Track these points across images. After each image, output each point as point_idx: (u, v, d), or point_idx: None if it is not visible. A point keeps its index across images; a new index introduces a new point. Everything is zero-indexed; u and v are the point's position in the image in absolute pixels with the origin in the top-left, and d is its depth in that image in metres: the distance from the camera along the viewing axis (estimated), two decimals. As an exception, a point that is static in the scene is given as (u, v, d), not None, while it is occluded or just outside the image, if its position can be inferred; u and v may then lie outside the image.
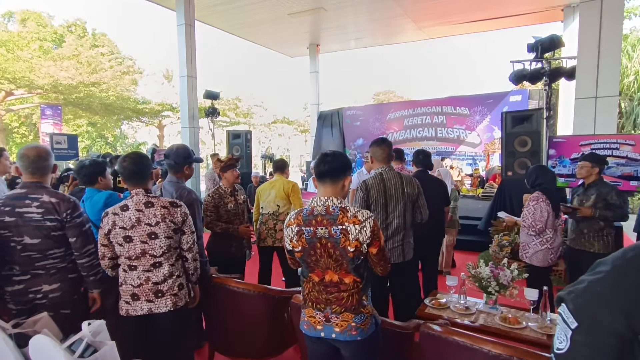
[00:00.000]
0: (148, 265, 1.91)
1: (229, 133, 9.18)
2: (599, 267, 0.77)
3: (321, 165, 1.67)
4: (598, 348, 0.70)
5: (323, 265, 1.62)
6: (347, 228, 1.55)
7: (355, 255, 1.57)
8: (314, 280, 1.66)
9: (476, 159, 11.04)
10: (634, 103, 9.56)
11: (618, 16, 4.38)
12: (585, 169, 3.18)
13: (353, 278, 1.61)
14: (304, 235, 1.61)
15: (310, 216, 1.62)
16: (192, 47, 8.76)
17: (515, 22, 10.86)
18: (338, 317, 1.60)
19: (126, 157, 1.98)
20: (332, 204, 1.62)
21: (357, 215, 1.57)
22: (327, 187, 1.66)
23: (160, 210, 1.93)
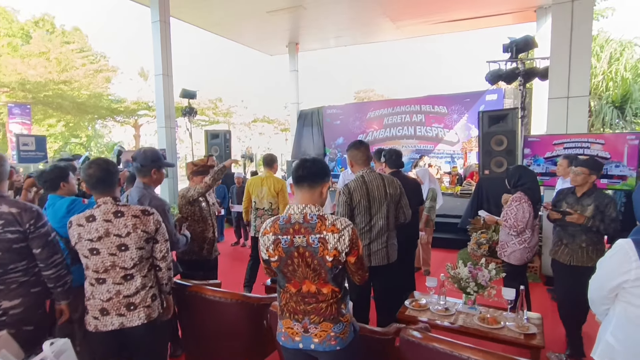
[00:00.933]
0: (118, 278, 1.81)
1: (207, 133, 8.99)
2: None
3: (299, 169, 1.63)
4: None
5: (300, 276, 1.58)
6: (326, 237, 1.52)
7: (333, 265, 1.54)
8: (290, 291, 1.61)
9: (454, 156, 11.23)
10: (602, 102, 9.92)
11: (588, 19, 4.49)
12: (582, 176, 2.82)
13: (331, 288, 1.58)
14: (280, 244, 1.56)
15: (287, 224, 1.57)
16: (168, 45, 8.52)
17: (491, 22, 11.08)
18: (317, 327, 1.57)
19: (91, 164, 1.86)
20: (310, 211, 1.57)
21: (335, 224, 1.54)
22: (305, 193, 1.61)
23: (131, 219, 1.82)
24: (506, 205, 3.21)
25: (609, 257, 1.47)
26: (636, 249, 1.37)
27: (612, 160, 3.95)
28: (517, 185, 3.16)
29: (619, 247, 1.43)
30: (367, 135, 12.45)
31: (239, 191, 6.46)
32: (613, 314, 1.48)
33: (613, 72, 10.01)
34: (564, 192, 3.06)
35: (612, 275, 1.44)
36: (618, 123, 10.03)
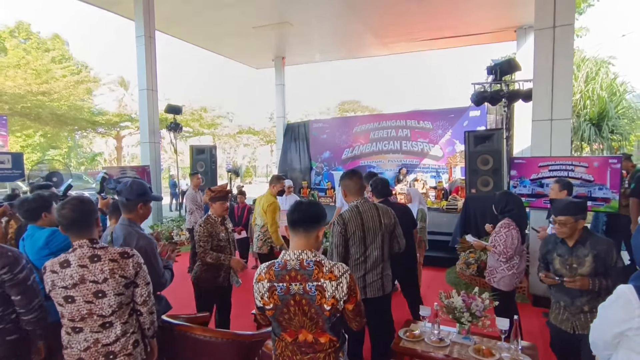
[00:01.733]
0: (96, 326, 1.69)
1: (192, 148, 8.84)
2: None
3: (295, 213, 1.57)
4: None
5: (297, 324, 1.51)
6: (323, 285, 1.47)
7: (331, 314, 1.48)
8: (286, 340, 1.54)
9: (439, 171, 11.35)
10: (580, 119, 10.26)
11: (569, 45, 4.63)
12: (569, 225, 2.34)
13: (329, 337, 1.52)
14: (276, 291, 1.50)
15: (283, 271, 1.51)
16: (152, 60, 8.40)
17: (473, 40, 11.39)
18: None
19: (65, 204, 1.73)
20: (307, 257, 1.52)
21: (333, 271, 1.49)
22: (301, 238, 1.56)
23: (108, 264, 1.69)
24: (494, 231, 3.21)
25: (610, 304, 1.45)
26: (638, 296, 1.36)
27: (596, 183, 4.04)
28: (505, 211, 3.17)
29: (620, 294, 1.41)
30: (353, 149, 12.49)
31: (226, 209, 6.33)
32: (615, 360, 1.46)
33: (590, 90, 10.38)
34: (552, 240, 2.57)
35: (614, 322, 1.42)
36: (595, 139, 10.36)
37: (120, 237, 2.10)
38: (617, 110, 10.27)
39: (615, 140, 10.50)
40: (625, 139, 10.62)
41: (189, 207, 6.01)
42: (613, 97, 10.36)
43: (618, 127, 10.23)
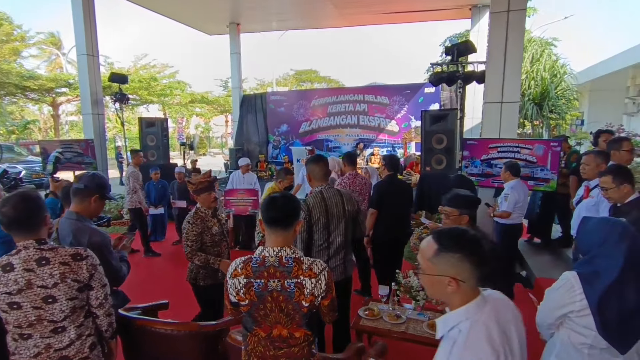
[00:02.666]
0: (47, 332, 1.56)
1: (141, 121, 8.26)
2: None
3: (271, 211, 1.53)
4: None
5: (272, 320, 1.51)
6: (303, 282, 1.48)
7: (309, 310, 1.50)
8: (259, 334, 1.54)
9: (395, 146, 11.64)
10: (525, 99, 10.91)
11: (521, 29, 4.82)
12: (452, 218, 2.29)
13: (304, 332, 1.54)
14: (253, 287, 1.48)
15: (261, 267, 1.49)
16: (92, 20, 7.61)
17: (430, 16, 11.48)
18: None
19: (5, 202, 1.53)
20: (286, 254, 1.51)
21: (312, 268, 1.50)
22: (279, 236, 1.53)
23: (58, 268, 1.54)
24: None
25: (556, 289, 1.59)
26: (581, 282, 1.50)
27: (538, 165, 4.35)
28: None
29: (565, 280, 1.56)
30: (311, 122, 12.38)
31: (181, 187, 6.08)
32: (557, 339, 1.62)
33: (534, 71, 10.99)
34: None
35: (558, 305, 1.56)
36: (537, 117, 11.11)
37: (69, 234, 1.91)
38: (557, 91, 11.03)
39: (553, 119, 11.34)
40: (562, 118, 11.51)
41: (132, 185, 5.63)
42: (554, 78, 11.09)
43: (556, 107, 11.04)
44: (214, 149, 30.92)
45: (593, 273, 1.47)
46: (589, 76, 15.37)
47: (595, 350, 1.48)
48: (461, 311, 1.09)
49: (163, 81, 21.15)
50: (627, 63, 13.18)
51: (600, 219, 1.62)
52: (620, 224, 1.51)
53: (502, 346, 1.04)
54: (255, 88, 27.84)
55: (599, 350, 1.47)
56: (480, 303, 1.09)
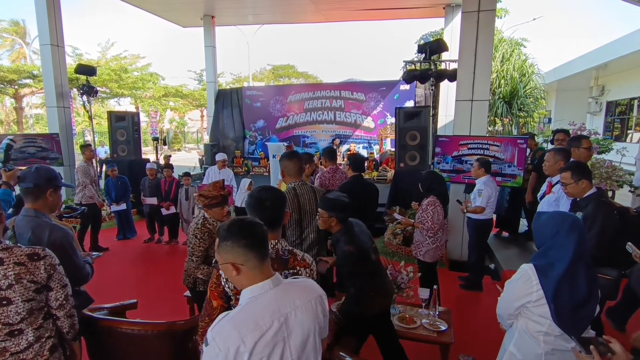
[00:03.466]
0: (2, 335, 1.49)
1: (110, 114, 7.98)
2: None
3: (263, 211, 1.54)
4: None
5: None
6: (299, 272, 1.53)
7: None
8: None
9: (371, 142, 11.76)
10: (495, 97, 11.23)
11: (490, 29, 4.95)
12: (322, 219, 2.32)
13: None
14: None
15: None
16: (56, 8, 7.27)
17: (405, 14, 11.64)
18: None
19: None
20: (281, 247, 1.56)
21: (305, 259, 1.57)
22: (273, 232, 1.56)
23: (12, 268, 1.47)
24: (420, 209, 3.45)
25: (514, 280, 1.67)
26: (537, 274, 1.57)
27: (506, 161, 4.51)
28: (430, 189, 3.43)
29: (523, 272, 1.63)
30: (287, 118, 12.33)
31: (152, 184, 5.93)
32: (516, 328, 1.70)
33: (504, 71, 11.33)
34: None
35: (517, 296, 1.64)
36: (507, 115, 11.47)
37: (27, 231, 1.82)
38: (525, 90, 11.41)
39: (522, 117, 11.73)
40: (530, 116, 11.92)
41: (82, 180, 5.45)
42: (523, 77, 11.47)
43: (525, 105, 11.43)
44: (189, 144, 30.25)
45: (547, 264, 1.55)
46: (556, 76, 16.03)
47: (550, 337, 1.56)
48: (246, 291, 1.20)
49: (135, 73, 20.44)
50: (589, 64, 13.83)
51: (552, 212, 1.71)
52: (570, 216, 1.60)
53: (271, 326, 1.15)
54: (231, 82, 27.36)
55: (554, 337, 1.55)
56: (266, 285, 1.20)
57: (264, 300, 1.18)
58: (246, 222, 1.24)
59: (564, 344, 1.54)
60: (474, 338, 3.32)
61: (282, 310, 1.18)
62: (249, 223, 1.24)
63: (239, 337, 1.09)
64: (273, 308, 1.17)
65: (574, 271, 1.51)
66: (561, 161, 3.24)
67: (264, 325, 1.13)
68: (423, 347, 2.91)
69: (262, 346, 1.12)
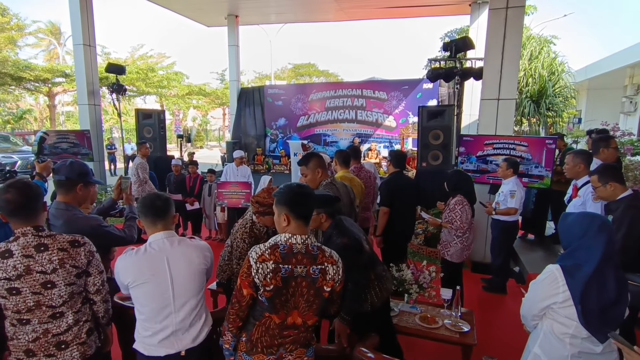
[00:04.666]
0: (45, 317, 1.59)
1: (137, 112, 8.24)
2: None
3: (301, 207, 1.60)
4: None
5: (291, 306, 1.56)
6: (326, 268, 1.57)
7: (329, 296, 1.60)
8: (273, 321, 1.56)
9: (392, 142, 11.66)
10: (522, 96, 10.93)
11: (519, 26, 4.82)
12: (312, 217, 2.11)
13: (315, 320, 1.62)
14: (280, 273, 1.51)
15: (289, 253, 1.54)
16: (89, 10, 7.56)
17: (429, 11, 11.46)
18: (292, 354, 1.60)
19: (9, 187, 1.57)
20: (311, 242, 1.59)
21: (332, 256, 1.61)
22: (304, 226, 1.61)
23: (57, 254, 1.57)
24: (448, 208, 3.40)
25: (540, 281, 1.64)
26: (564, 275, 1.54)
27: (533, 162, 4.39)
28: (457, 188, 3.38)
29: (549, 272, 1.60)
30: (308, 117, 12.38)
31: (177, 179, 6.09)
32: (541, 329, 1.67)
33: (533, 69, 11.00)
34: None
35: (542, 297, 1.61)
36: (534, 115, 11.14)
37: (59, 222, 1.93)
38: (554, 89, 11.05)
39: (550, 116, 11.37)
40: (559, 116, 11.54)
41: (142, 176, 5.65)
42: (552, 76, 11.11)
43: (554, 105, 11.07)
44: (212, 142, 30.81)
45: (575, 265, 1.51)
46: (587, 74, 15.39)
47: (576, 340, 1.53)
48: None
49: (160, 72, 20.99)
50: (624, 62, 13.20)
51: (581, 213, 1.67)
52: (599, 217, 1.57)
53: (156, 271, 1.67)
54: (253, 81, 27.71)
55: (580, 339, 1.52)
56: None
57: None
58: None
59: (591, 346, 1.51)
60: (497, 340, 3.26)
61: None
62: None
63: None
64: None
65: (602, 272, 1.47)
66: (581, 164, 3.13)
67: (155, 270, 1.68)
68: (444, 348, 2.89)
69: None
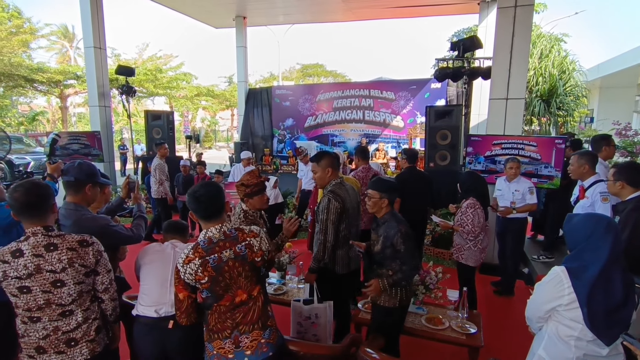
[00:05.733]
0: (55, 315, 1.63)
1: (147, 113, 8.34)
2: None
3: (198, 210, 1.69)
4: None
5: (234, 287, 1.64)
6: (250, 242, 1.68)
7: (263, 264, 1.72)
8: (223, 305, 1.64)
9: (400, 142, 11.61)
10: (532, 95, 10.80)
11: (528, 25, 4.77)
12: (372, 200, 2.36)
13: (259, 288, 1.72)
14: (209, 264, 1.60)
15: (210, 245, 1.63)
16: (100, 13, 7.67)
17: (437, 11, 11.38)
18: (247, 337, 1.65)
19: (18, 187, 1.61)
20: (227, 228, 1.69)
21: (252, 230, 1.73)
22: (215, 222, 1.70)
23: (66, 253, 1.61)
24: (460, 211, 3.33)
25: (545, 283, 1.62)
26: (569, 276, 1.52)
27: (542, 162, 4.34)
28: (470, 189, 3.31)
29: (554, 274, 1.58)
30: (316, 117, 12.39)
31: (186, 180, 6.15)
32: (545, 331, 1.65)
33: (543, 68, 10.86)
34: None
35: (547, 299, 1.59)
36: (544, 114, 10.99)
37: (68, 222, 1.96)
38: (565, 87, 10.88)
39: (561, 116, 11.21)
40: (570, 115, 11.36)
41: (158, 177, 5.76)
42: (563, 74, 10.94)
43: (565, 104, 10.91)
44: (220, 143, 31.03)
45: (580, 267, 1.50)
46: (599, 73, 15.13)
47: (581, 342, 1.51)
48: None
49: (169, 73, 21.19)
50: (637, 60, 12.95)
51: (586, 214, 1.64)
52: (605, 218, 1.54)
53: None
54: (261, 82, 27.83)
55: (586, 342, 1.50)
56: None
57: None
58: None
59: (597, 349, 1.49)
60: (504, 342, 3.23)
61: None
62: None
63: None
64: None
65: (608, 274, 1.45)
66: (586, 164, 3.08)
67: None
68: (451, 350, 2.87)
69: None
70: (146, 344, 2.00)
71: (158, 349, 1.97)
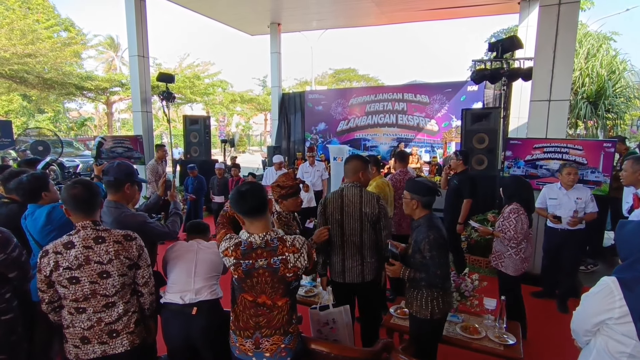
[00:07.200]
0: (99, 306, 1.73)
1: (185, 118, 8.68)
2: None
3: (245, 204, 1.68)
4: None
5: (258, 290, 1.69)
6: (287, 257, 1.67)
7: (295, 279, 1.72)
8: (246, 299, 1.71)
9: (434, 146, 11.35)
10: (578, 97, 10.19)
11: (573, 22, 4.52)
12: (405, 201, 2.37)
13: (286, 300, 1.72)
14: (241, 267, 1.66)
15: (249, 250, 1.66)
16: (143, 24, 8.08)
17: (474, 12, 11.06)
18: (268, 340, 1.68)
19: (76, 184, 1.75)
20: (270, 237, 1.69)
21: (294, 244, 1.69)
22: (260, 221, 1.70)
23: (112, 246, 1.73)
24: (502, 217, 3.18)
25: (594, 294, 1.51)
26: (621, 288, 1.41)
27: (589, 167, 4.09)
28: (514, 195, 3.13)
29: (604, 285, 1.47)
30: (348, 121, 12.38)
31: (221, 182, 6.33)
32: (594, 346, 1.54)
33: (590, 68, 10.24)
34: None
35: (596, 311, 1.48)
36: (591, 117, 10.35)
37: (110, 220, 2.07)
38: (614, 89, 10.18)
39: (610, 119, 10.49)
40: (620, 117, 10.60)
41: (148, 177, 6.08)
42: (612, 75, 10.24)
43: (614, 106, 10.19)
44: (253, 147, 31.69)
45: (635, 278, 1.38)
46: (653, 73, 14.10)
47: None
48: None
49: (206, 80, 21.97)
50: (698, 58, 11.94)
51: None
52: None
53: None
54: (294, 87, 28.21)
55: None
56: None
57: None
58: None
59: (654, 368, 1.37)
60: (545, 355, 3.05)
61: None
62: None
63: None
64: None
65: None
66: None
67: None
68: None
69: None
70: (172, 328, 2.11)
71: (183, 334, 2.09)
